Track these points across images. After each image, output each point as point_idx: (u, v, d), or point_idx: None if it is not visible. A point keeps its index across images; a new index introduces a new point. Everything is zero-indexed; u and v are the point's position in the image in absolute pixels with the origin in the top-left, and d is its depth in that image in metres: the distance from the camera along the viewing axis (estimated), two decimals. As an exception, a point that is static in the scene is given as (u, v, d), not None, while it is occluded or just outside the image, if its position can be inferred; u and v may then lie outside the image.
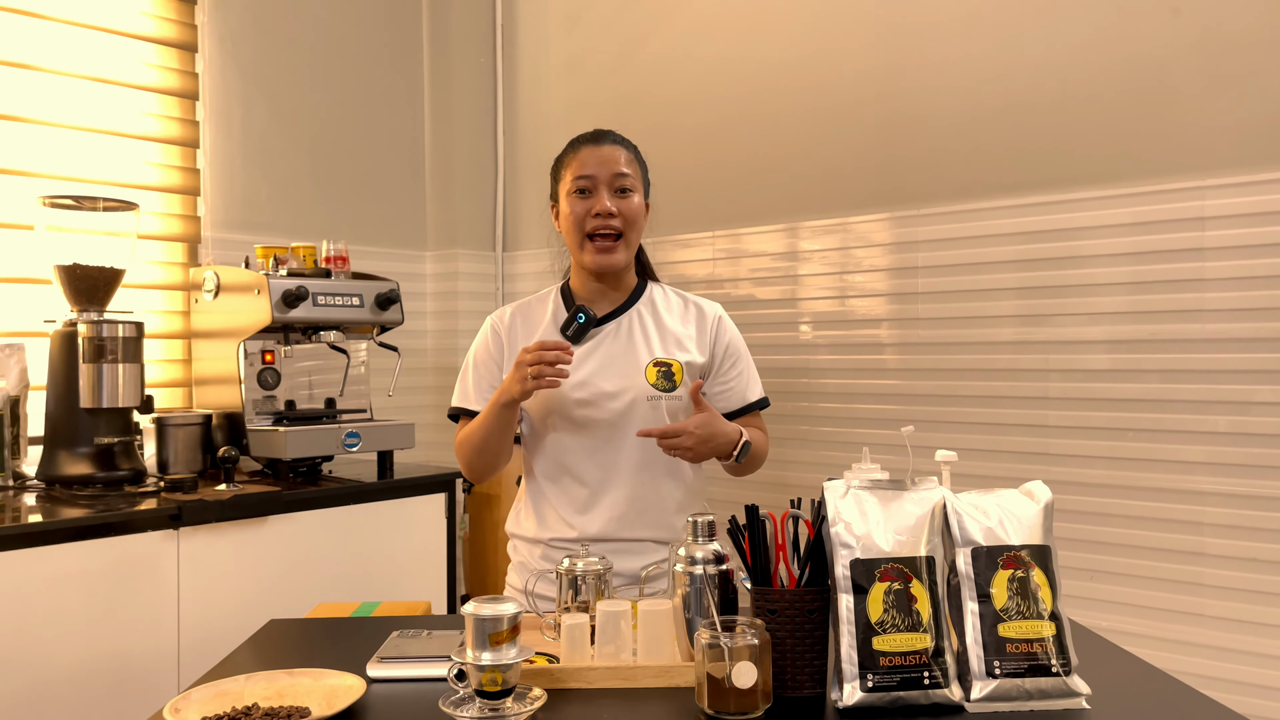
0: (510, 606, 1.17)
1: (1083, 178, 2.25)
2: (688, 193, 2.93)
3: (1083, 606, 2.24)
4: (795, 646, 1.19)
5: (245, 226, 2.94)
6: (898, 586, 1.17)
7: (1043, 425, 2.31)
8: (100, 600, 2.04)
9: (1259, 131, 2.04)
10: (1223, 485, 2.08)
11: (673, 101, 3.01)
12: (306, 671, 1.27)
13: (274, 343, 2.62)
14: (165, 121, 2.81)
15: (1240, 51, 2.06)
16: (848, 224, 2.64)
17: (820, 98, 2.69)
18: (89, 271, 2.36)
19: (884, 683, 1.14)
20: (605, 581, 1.45)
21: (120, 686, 2.06)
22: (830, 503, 1.21)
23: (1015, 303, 2.35)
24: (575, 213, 1.75)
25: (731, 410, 1.82)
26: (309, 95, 3.12)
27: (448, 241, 3.42)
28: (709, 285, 2.92)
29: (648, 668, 1.27)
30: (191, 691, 1.20)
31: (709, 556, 1.30)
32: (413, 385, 3.32)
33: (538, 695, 1.19)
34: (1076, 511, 2.26)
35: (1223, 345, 2.08)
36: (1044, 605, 1.18)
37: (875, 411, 2.59)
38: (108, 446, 2.31)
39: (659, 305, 1.84)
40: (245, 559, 2.28)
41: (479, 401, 1.80)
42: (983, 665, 1.16)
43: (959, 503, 1.23)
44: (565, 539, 1.73)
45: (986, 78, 2.39)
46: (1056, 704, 1.15)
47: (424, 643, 1.40)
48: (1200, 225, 2.10)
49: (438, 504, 2.67)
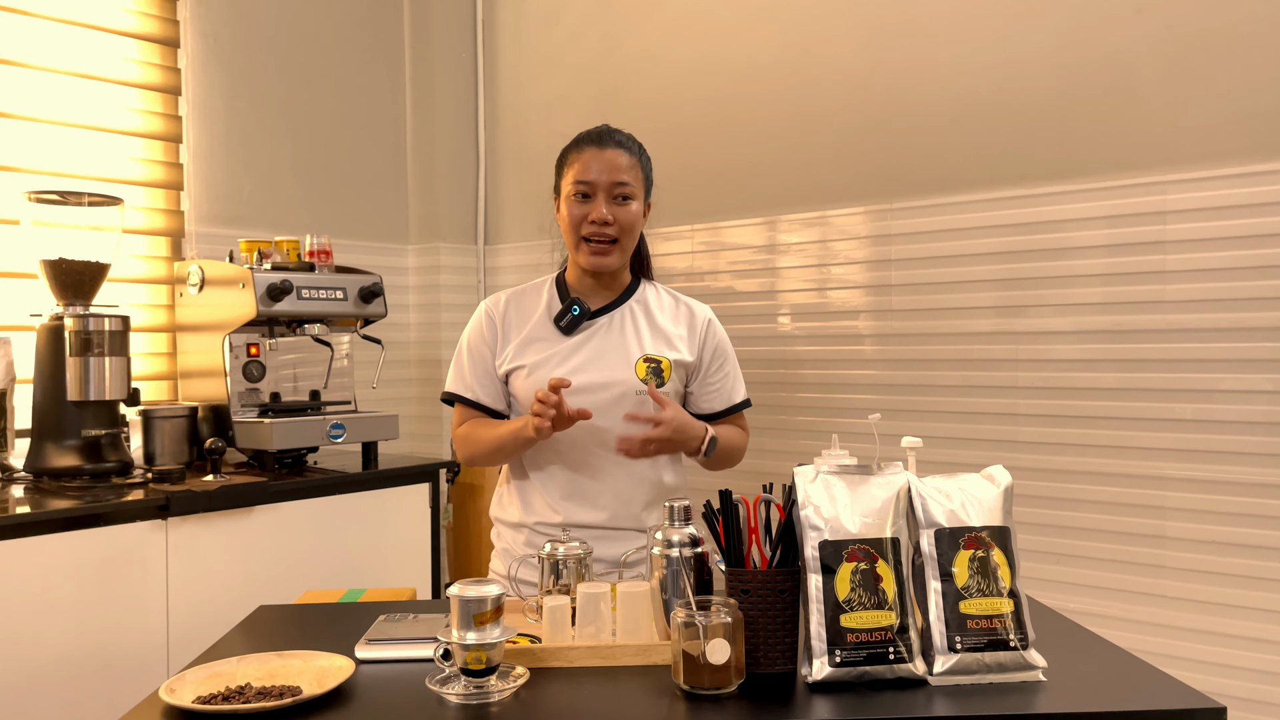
0: (494, 588, 1.22)
1: (1050, 174, 2.32)
2: (668, 186, 2.94)
3: (1050, 589, 2.31)
4: (767, 625, 1.24)
5: (229, 221, 2.97)
6: (864, 566, 1.22)
7: (1012, 414, 2.38)
8: (89, 590, 2.07)
9: (1218, 128, 2.10)
10: (1186, 471, 2.15)
11: (652, 96, 3.06)
12: (297, 653, 1.31)
13: (259, 336, 2.65)
14: (148, 117, 2.83)
15: (1200, 50, 2.12)
16: (826, 217, 2.70)
17: (799, 93, 2.74)
18: (74, 266, 2.38)
19: (851, 658, 1.20)
20: (586, 566, 1.50)
21: (110, 675, 2.10)
22: (800, 487, 1.27)
23: (987, 294, 2.42)
24: (573, 216, 1.79)
25: (717, 410, 1.88)
26: (291, 90, 3.14)
27: (430, 235, 3.45)
28: (689, 278, 2.97)
29: (626, 646, 1.32)
30: (185, 672, 1.24)
31: (685, 540, 1.35)
32: (396, 377, 3.36)
33: (521, 673, 1.24)
34: (1045, 497, 2.33)
35: (1185, 335, 2.15)
36: (1003, 583, 1.24)
37: (852, 401, 2.65)
38: (95, 439, 2.34)
39: (651, 303, 1.89)
40: (233, 549, 2.31)
41: (475, 388, 1.85)
42: (945, 641, 1.21)
43: (923, 486, 1.29)
44: (549, 524, 1.78)
45: (960, 76, 2.45)
46: (1014, 676, 1.21)
47: (410, 625, 1.44)
48: (1162, 219, 2.17)
49: (422, 494, 2.71)
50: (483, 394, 1.85)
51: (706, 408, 1.88)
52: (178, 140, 2.90)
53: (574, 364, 1.79)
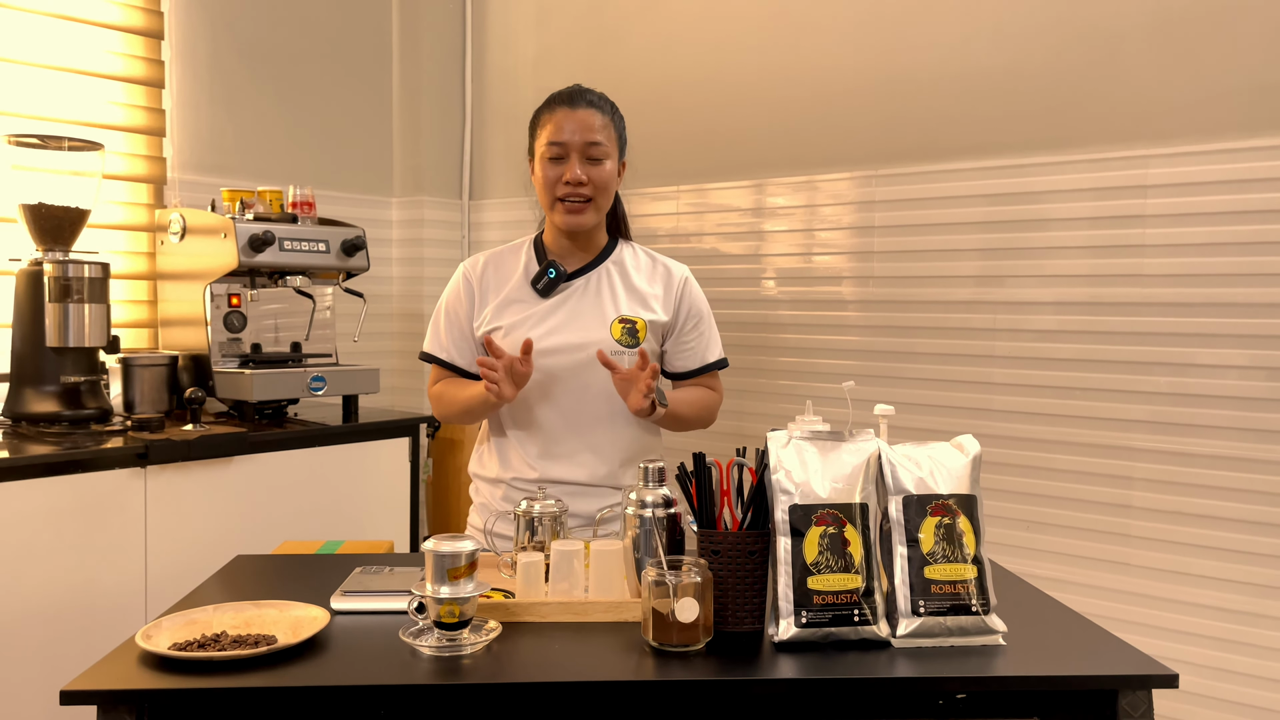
0: (468, 544, 1.24)
1: (1034, 145, 2.32)
2: (655, 146, 2.96)
3: (1020, 555, 2.36)
4: (736, 585, 1.27)
5: (211, 169, 2.94)
6: (832, 530, 1.25)
7: (988, 383, 2.40)
8: (68, 536, 2.08)
9: (1202, 103, 2.11)
10: (1155, 443, 2.18)
11: (641, 55, 3.03)
12: (273, 603, 1.33)
13: (240, 286, 2.64)
14: (130, 60, 2.79)
15: (1186, 25, 2.12)
16: (813, 181, 2.70)
17: (788, 56, 2.73)
18: (54, 211, 2.36)
19: (817, 619, 1.23)
20: (561, 523, 1.52)
21: (88, 620, 2.12)
22: (772, 451, 1.29)
23: (968, 264, 2.43)
24: (547, 177, 1.79)
25: (691, 369, 1.89)
26: (276, 37, 3.10)
27: (414, 189, 3.43)
28: (674, 239, 2.97)
29: (598, 603, 1.34)
30: (162, 620, 1.26)
31: (658, 501, 1.37)
32: (378, 331, 3.36)
33: (493, 628, 1.27)
34: (1017, 465, 2.36)
35: (1161, 309, 2.17)
36: (968, 550, 1.26)
37: (831, 366, 2.67)
38: (74, 385, 2.34)
39: (628, 264, 1.89)
40: (212, 498, 2.32)
41: (450, 349, 1.86)
42: (909, 604, 1.24)
43: (893, 454, 1.31)
44: (526, 479, 1.80)
45: (948, 45, 2.44)
46: (975, 640, 1.24)
47: (386, 578, 1.46)
48: (1143, 193, 2.18)
49: (401, 448, 2.72)
50: (457, 355, 1.86)
51: (680, 366, 1.89)
52: (160, 85, 2.86)
53: (550, 325, 1.80)
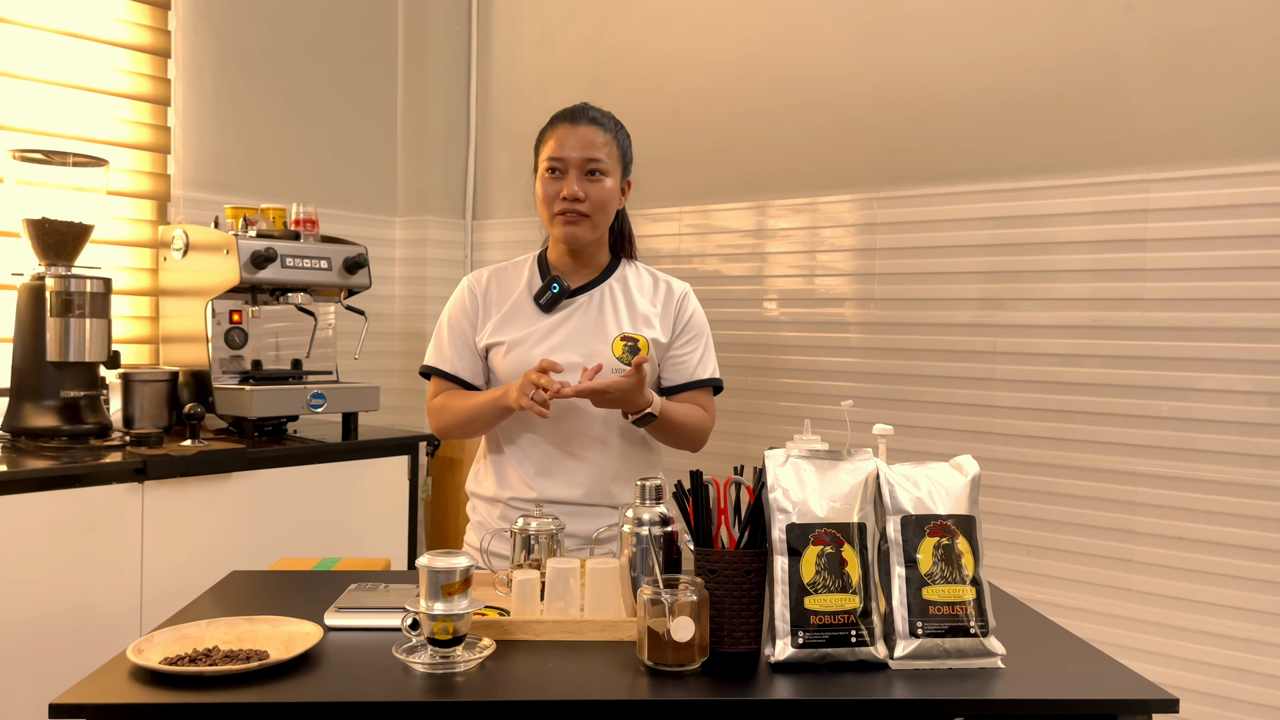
0: (463, 560, 1.23)
1: (1036, 168, 2.33)
2: (658, 167, 2.97)
3: (1022, 580, 2.34)
4: (733, 604, 1.26)
5: (215, 186, 2.95)
6: (830, 550, 1.24)
7: (990, 406, 2.40)
8: (64, 550, 2.07)
9: (1203, 128, 2.11)
10: (1159, 467, 2.17)
11: (645, 77, 3.05)
12: (266, 619, 1.32)
13: (242, 303, 2.65)
14: (136, 78, 2.81)
15: (1189, 50, 2.13)
16: (815, 203, 2.70)
17: (791, 78, 2.74)
18: (57, 226, 2.37)
19: (814, 640, 1.22)
20: (557, 541, 1.51)
21: (83, 635, 2.10)
22: (770, 470, 1.28)
23: (970, 286, 2.43)
24: (547, 193, 1.80)
25: (678, 384, 1.87)
26: (282, 56, 3.12)
27: (418, 208, 3.44)
28: (676, 260, 2.97)
29: (593, 622, 1.33)
30: (154, 634, 1.25)
31: (655, 519, 1.37)
32: (379, 349, 3.36)
33: (487, 645, 1.26)
34: (1019, 489, 2.35)
35: (1163, 334, 2.16)
36: (966, 571, 1.25)
37: (833, 388, 2.66)
38: (74, 400, 2.33)
39: (630, 282, 1.89)
40: (209, 514, 2.32)
41: (453, 360, 1.86)
42: (907, 625, 1.23)
43: (891, 473, 1.30)
44: (524, 499, 1.79)
45: (950, 68, 2.45)
46: (973, 663, 1.23)
47: (380, 595, 1.45)
48: (1144, 217, 2.18)
49: (400, 466, 2.71)
50: (461, 367, 1.86)
51: (667, 379, 1.88)
52: (165, 103, 2.87)
53: (552, 342, 1.80)
